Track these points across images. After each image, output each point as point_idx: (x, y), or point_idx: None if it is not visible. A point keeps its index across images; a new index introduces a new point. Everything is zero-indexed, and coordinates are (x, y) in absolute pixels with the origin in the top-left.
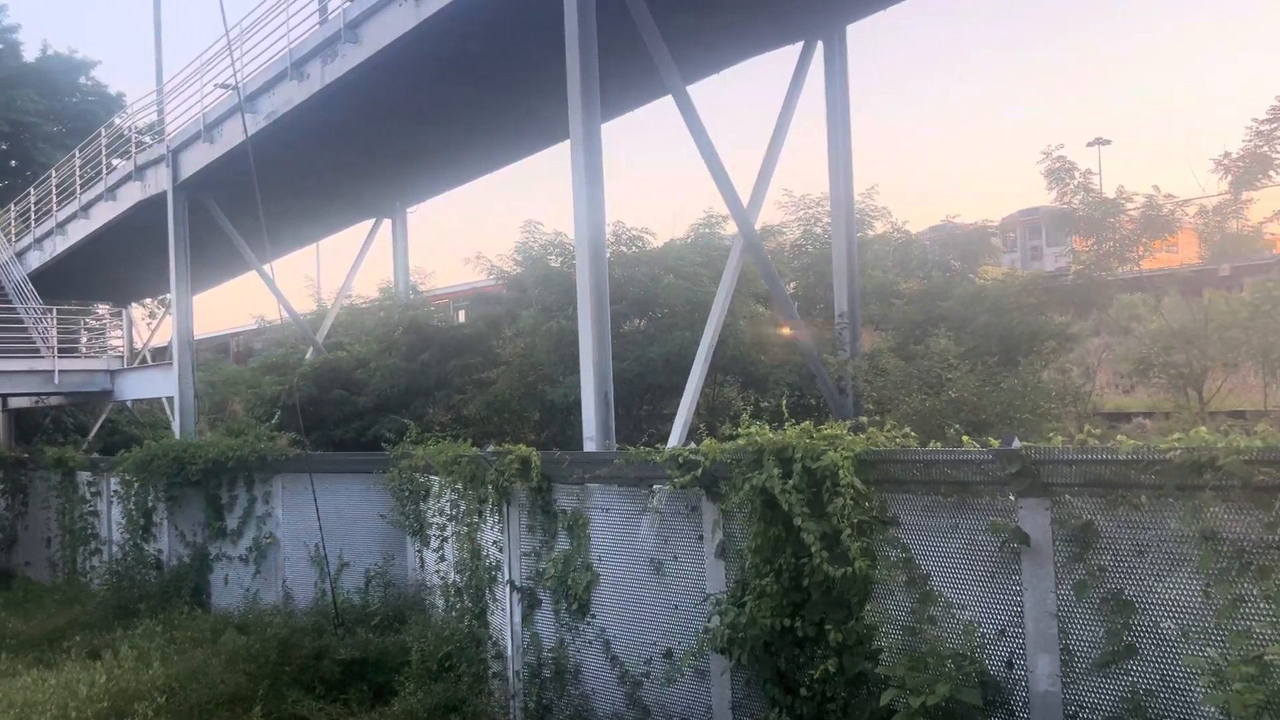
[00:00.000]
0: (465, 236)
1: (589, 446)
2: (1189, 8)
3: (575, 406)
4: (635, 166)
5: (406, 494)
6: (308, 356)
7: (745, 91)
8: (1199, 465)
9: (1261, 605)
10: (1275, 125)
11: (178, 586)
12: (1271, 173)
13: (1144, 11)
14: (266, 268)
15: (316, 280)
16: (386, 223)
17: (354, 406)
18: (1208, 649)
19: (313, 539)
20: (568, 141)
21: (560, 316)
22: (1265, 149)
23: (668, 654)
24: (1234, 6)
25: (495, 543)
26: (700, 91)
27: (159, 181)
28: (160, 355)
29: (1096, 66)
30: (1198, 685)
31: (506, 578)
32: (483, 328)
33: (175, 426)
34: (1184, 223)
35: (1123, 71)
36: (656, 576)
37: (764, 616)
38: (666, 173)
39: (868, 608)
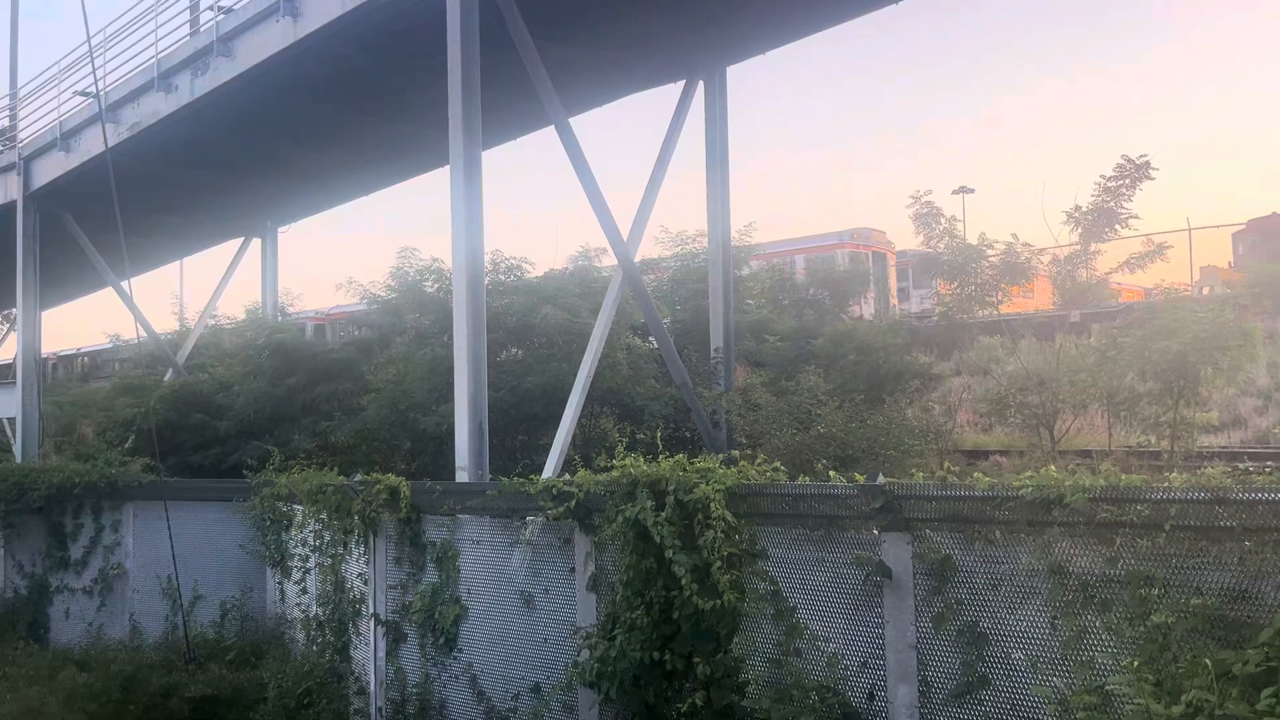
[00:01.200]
0: (339, 258)
1: (461, 477)
2: (1051, 68)
3: (448, 436)
4: (518, 195)
5: (268, 524)
6: (167, 378)
7: (636, 124)
8: (1048, 502)
9: (1103, 636)
10: (1121, 182)
11: (12, 621)
12: (1117, 226)
13: (1011, 70)
14: (125, 285)
15: (180, 299)
16: (256, 242)
17: (215, 432)
18: (1054, 679)
19: (165, 570)
20: (448, 167)
21: (435, 344)
22: (1112, 204)
23: (536, 688)
24: (1086, 71)
25: (360, 575)
26: (590, 121)
27: (8, 190)
28: (5, 373)
29: (978, 119)
30: (1045, 714)
31: (371, 611)
32: (354, 353)
33: (17, 449)
34: (1039, 270)
35: (994, 125)
36: (527, 609)
37: (634, 650)
38: (549, 202)
39: (736, 640)
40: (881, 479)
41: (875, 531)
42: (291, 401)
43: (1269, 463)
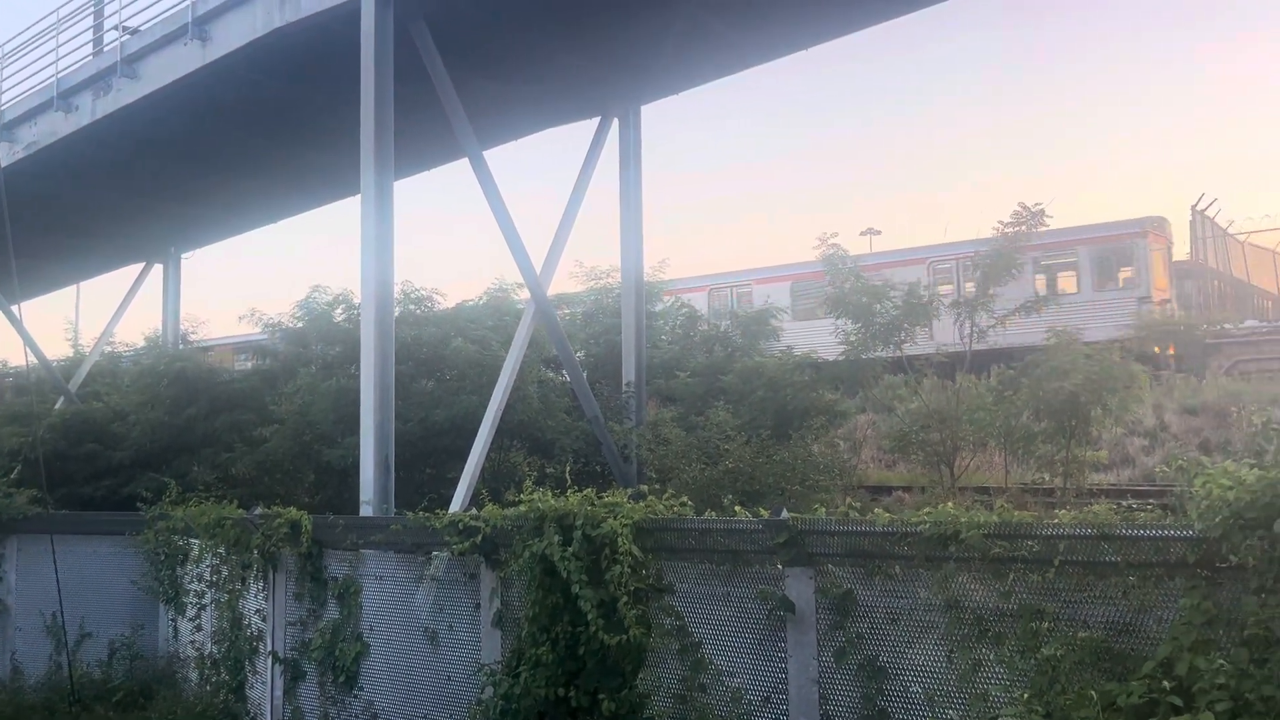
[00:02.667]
0: (246, 285)
1: (366, 511)
2: (956, 110)
3: (354, 469)
4: (430, 225)
5: (162, 558)
6: (58, 406)
7: (559, 157)
8: (945, 538)
9: (997, 669)
10: (1018, 228)
11: None
12: (1013, 270)
13: (924, 110)
14: (15, 309)
15: (75, 324)
16: (158, 267)
17: (108, 462)
18: (950, 712)
19: (51, 606)
20: (359, 195)
21: (342, 374)
22: (1010, 250)
23: None
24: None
25: (259, 611)
26: (510, 153)
27: None
28: None
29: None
30: None
31: (269, 648)
32: (257, 382)
33: None
34: (941, 311)
35: (909, 167)
36: (431, 646)
37: (538, 686)
38: (463, 234)
39: (641, 675)
40: (786, 514)
41: (779, 566)
42: (191, 432)
43: (1152, 500)
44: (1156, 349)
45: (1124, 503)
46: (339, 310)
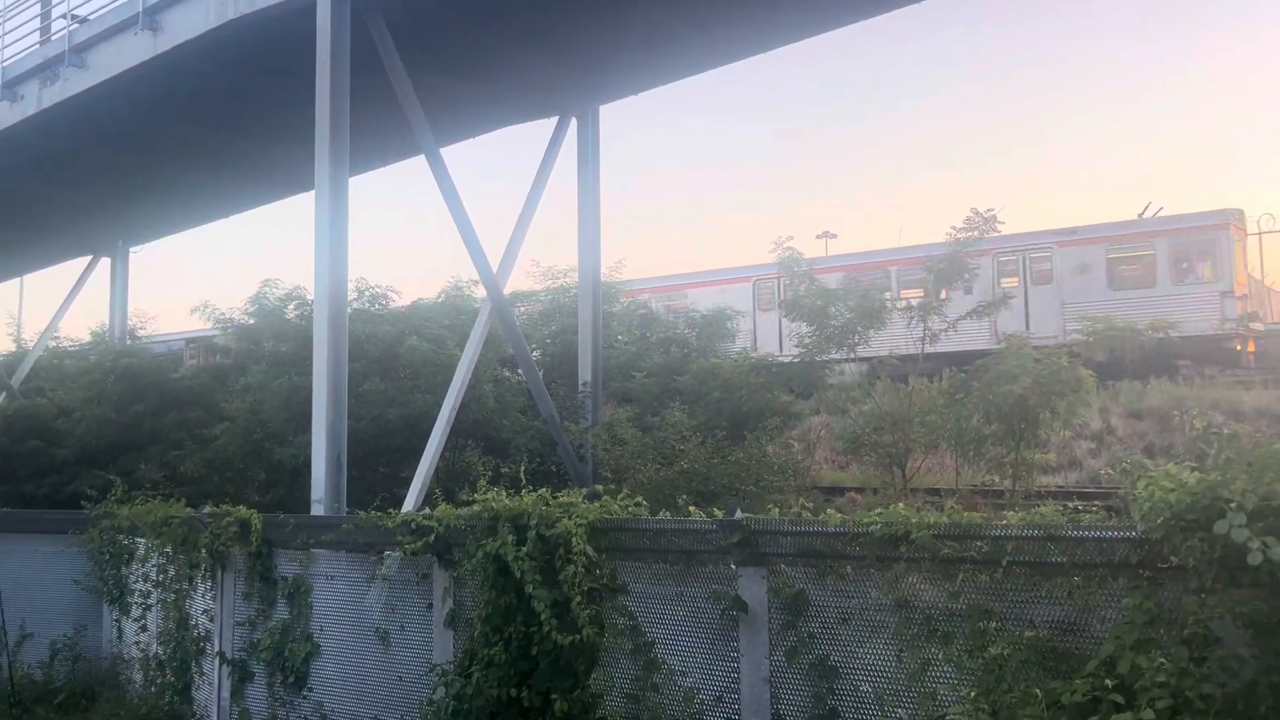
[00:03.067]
0: (200, 280)
1: (318, 510)
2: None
3: (305, 467)
4: (387, 222)
5: (107, 557)
6: (0, 401)
7: (519, 155)
8: (896, 539)
9: (945, 668)
10: (970, 232)
11: None
12: (966, 275)
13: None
14: None
15: (18, 318)
16: (106, 260)
17: (52, 459)
18: (899, 710)
19: None
20: (314, 191)
21: (294, 372)
22: (962, 254)
23: None
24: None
25: (206, 611)
26: (465, 152)
27: None
28: None
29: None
30: None
31: (216, 649)
32: (208, 379)
33: None
34: (894, 314)
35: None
36: (382, 647)
37: (491, 687)
38: (420, 232)
39: (594, 675)
40: (740, 514)
41: (733, 566)
42: (138, 429)
43: (1097, 502)
44: (1236, 346)
45: (1070, 504)
46: (292, 307)
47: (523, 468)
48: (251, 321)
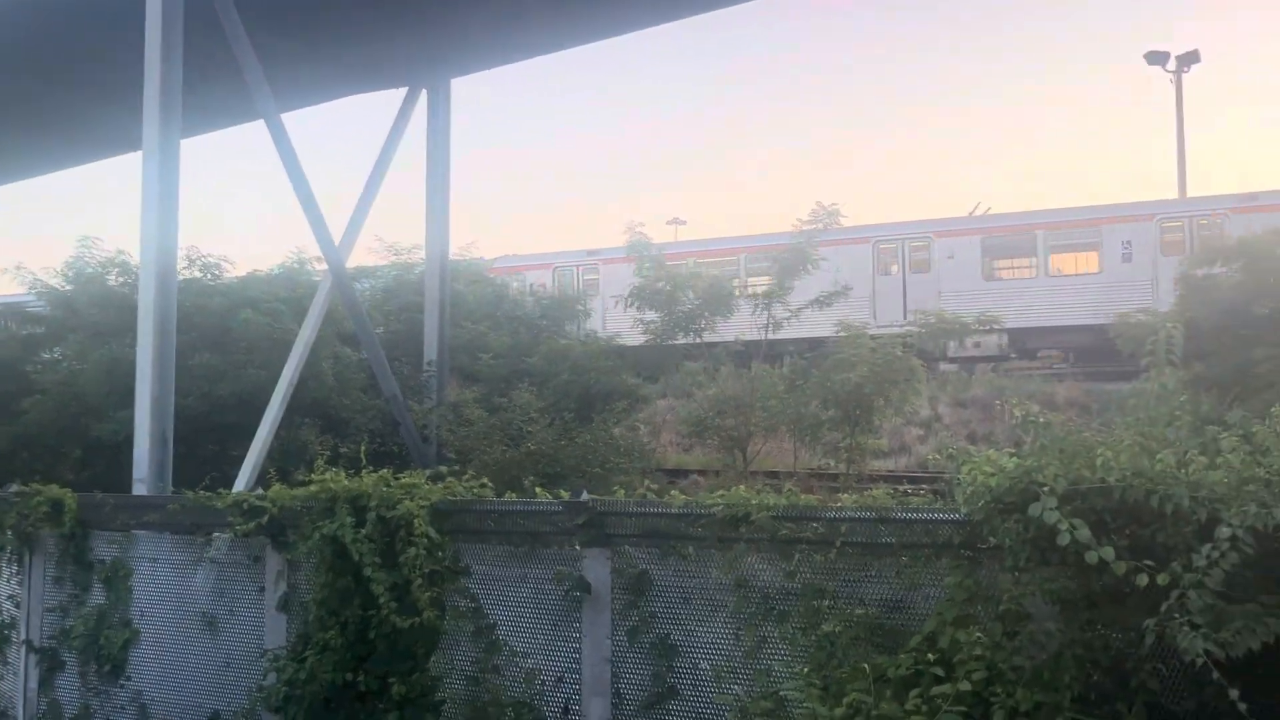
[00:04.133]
0: (8, 241)
1: (140, 490)
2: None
3: (127, 445)
4: (225, 190)
5: None
6: None
7: (372, 128)
8: (736, 520)
9: (780, 646)
10: (815, 225)
11: None
12: (809, 266)
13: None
14: None
15: None
16: None
17: None
18: (736, 687)
19: None
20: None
21: (116, 343)
22: (805, 245)
23: (215, 716)
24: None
25: (11, 597)
26: (314, 121)
27: None
28: None
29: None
30: None
31: (23, 637)
32: (16, 349)
33: None
34: (740, 302)
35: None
36: (209, 632)
37: (325, 671)
38: (264, 202)
39: (434, 659)
40: (586, 496)
41: (577, 547)
42: None
43: (925, 486)
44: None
45: (900, 488)
46: (115, 273)
47: (363, 448)
48: (69, 288)
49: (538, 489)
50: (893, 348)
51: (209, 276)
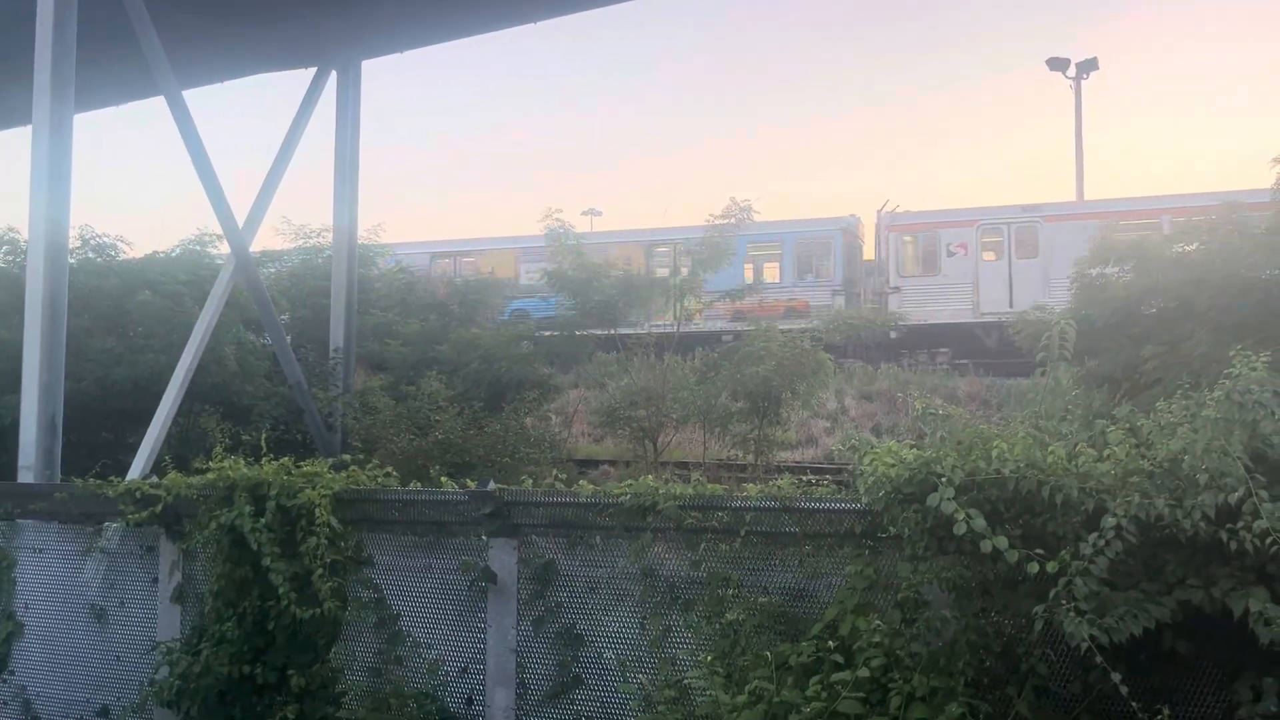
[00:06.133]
0: None
1: (26, 477)
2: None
3: (12, 430)
4: (123, 169)
5: None
6: None
7: (282, 108)
8: (644, 509)
9: (685, 635)
10: (728, 220)
11: None
12: (726, 258)
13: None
14: None
15: None
16: None
17: None
18: (640, 676)
19: None
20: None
21: (3, 324)
22: (719, 239)
23: (104, 711)
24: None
25: None
26: (221, 99)
27: None
28: None
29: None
30: (630, 711)
31: None
32: None
33: None
34: (655, 293)
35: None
36: (99, 625)
37: (221, 664)
38: (165, 182)
39: (335, 650)
40: (493, 485)
41: (484, 537)
42: None
43: (829, 476)
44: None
45: (805, 478)
46: (1, 251)
47: (265, 435)
48: None
49: (444, 479)
50: (801, 341)
51: (104, 257)
